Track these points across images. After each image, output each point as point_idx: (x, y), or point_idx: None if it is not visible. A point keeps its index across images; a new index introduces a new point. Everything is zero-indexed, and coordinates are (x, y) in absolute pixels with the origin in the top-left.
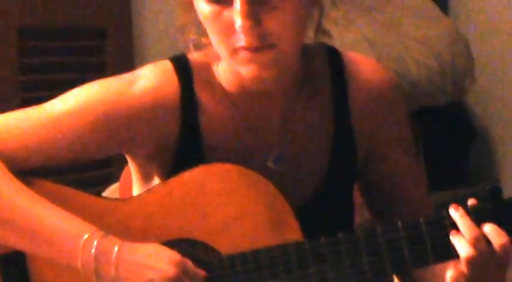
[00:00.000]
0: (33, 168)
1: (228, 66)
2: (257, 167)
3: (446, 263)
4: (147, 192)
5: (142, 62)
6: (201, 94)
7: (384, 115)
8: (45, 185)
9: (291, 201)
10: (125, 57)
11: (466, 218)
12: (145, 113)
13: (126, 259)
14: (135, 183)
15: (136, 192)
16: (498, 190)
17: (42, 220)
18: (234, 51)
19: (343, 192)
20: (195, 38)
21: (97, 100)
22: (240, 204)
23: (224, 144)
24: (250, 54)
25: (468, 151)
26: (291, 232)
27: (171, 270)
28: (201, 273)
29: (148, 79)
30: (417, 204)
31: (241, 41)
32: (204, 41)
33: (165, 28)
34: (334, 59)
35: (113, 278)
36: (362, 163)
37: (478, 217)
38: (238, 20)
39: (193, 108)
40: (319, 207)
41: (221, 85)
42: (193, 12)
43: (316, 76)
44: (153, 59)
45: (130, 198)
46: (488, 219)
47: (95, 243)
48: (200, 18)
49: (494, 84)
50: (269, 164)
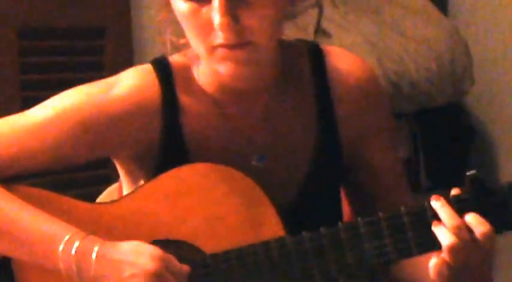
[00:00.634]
0: (18, 175)
1: (207, 65)
2: (241, 165)
3: (430, 255)
4: (131, 195)
5: (142, 61)
6: (182, 95)
7: (367, 109)
8: (28, 191)
9: (276, 199)
10: (124, 57)
11: (447, 207)
12: (125, 116)
13: (106, 257)
14: (124, 185)
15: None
16: (476, 178)
17: (24, 223)
18: (212, 49)
19: (328, 189)
20: (173, 38)
21: (76, 106)
22: (222, 203)
23: (207, 144)
24: (227, 52)
25: (468, 152)
26: (273, 229)
27: (152, 265)
28: (185, 269)
29: (127, 82)
30: (398, 201)
31: (219, 38)
32: (182, 41)
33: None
34: (315, 54)
35: (94, 277)
36: (346, 159)
37: (461, 207)
38: (216, 17)
39: (175, 109)
40: (305, 204)
41: (201, 86)
42: (171, 11)
43: (298, 73)
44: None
45: (115, 201)
46: (471, 208)
47: (76, 244)
48: (177, 17)
49: (493, 85)
50: (253, 162)
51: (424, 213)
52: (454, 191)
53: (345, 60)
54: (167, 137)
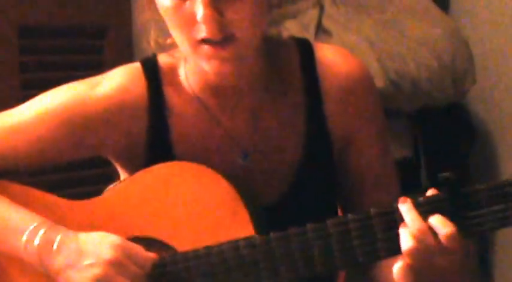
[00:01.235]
0: (5, 172)
1: (193, 62)
2: (227, 163)
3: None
4: (110, 192)
5: None
6: (169, 94)
7: (356, 106)
8: (8, 186)
9: (263, 197)
10: (124, 56)
11: (412, 211)
12: (110, 114)
13: (67, 247)
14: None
15: None
16: (448, 180)
17: None
18: (196, 44)
19: (319, 185)
20: (159, 39)
21: (61, 104)
22: (195, 203)
23: (193, 142)
24: (212, 50)
25: (468, 152)
26: (244, 230)
27: (110, 253)
28: (150, 256)
29: (113, 80)
30: (381, 201)
31: (203, 32)
32: (168, 42)
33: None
34: (305, 51)
35: (56, 267)
36: (337, 156)
37: (429, 209)
38: (199, 10)
39: (162, 108)
40: (295, 201)
41: (188, 85)
42: (155, 10)
43: (286, 69)
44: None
45: (94, 198)
46: (439, 210)
47: (40, 232)
48: (161, 13)
49: (494, 85)
50: (238, 160)
51: (392, 215)
52: (430, 192)
53: (336, 56)
54: (153, 135)
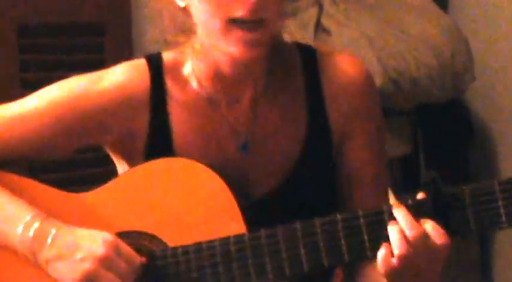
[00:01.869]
0: (5, 161)
1: (208, 51)
2: (227, 154)
3: None
4: (105, 185)
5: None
6: (172, 88)
7: (357, 105)
8: (5, 176)
9: (259, 188)
10: (124, 54)
11: (408, 216)
12: (113, 106)
13: (60, 241)
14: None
15: None
16: (432, 181)
17: None
18: (227, 25)
19: (316, 180)
20: (169, 36)
21: (64, 96)
22: (188, 198)
23: (195, 135)
24: (243, 31)
25: (468, 149)
26: (236, 226)
27: (102, 250)
28: (137, 257)
29: (117, 74)
30: (374, 199)
31: (238, 11)
32: (181, 40)
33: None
34: (307, 53)
35: (48, 260)
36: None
37: (417, 211)
38: None
39: (164, 101)
40: (290, 194)
41: (193, 79)
42: (170, 3)
43: (286, 67)
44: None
45: (89, 191)
46: (426, 213)
47: (35, 225)
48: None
49: (493, 82)
50: (236, 151)
51: (380, 216)
52: (419, 195)
53: (338, 59)
54: (154, 128)
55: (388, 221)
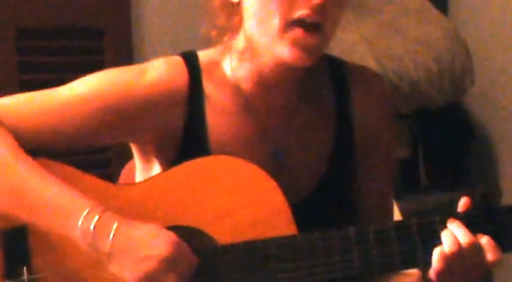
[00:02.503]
0: (42, 149)
1: (256, 51)
2: (259, 159)
3: None
4: (149, 180)
5: (141, 61)
6: (209, 87)
7: (380, 123)
8: (53, 165)
9: (289, 196)
10: (123, 57)
11: (462, 226)
12: (153, 103)
13: (123, 234)
14: (138, 169)
15: None
16: (486, 197)
17: (45, 191)
18: (286, 26)
19: (340, 192)
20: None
21: (108, 88)
22: (238, 196)
23: (229, 136)
24: (302, 33)
25: (467, 151)
26: (286, 226)
27: (168, 250)
28: (194, 259)
29: (158, 70)
30: (380, 215)
31: (302, 10)
32: (213, 35)
33: (164, 27)
34: (335, 65)
35: (108, 252)
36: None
37: (472, 225)
38: None
39: (201, 100)
40: (316, 204)
41: (230, 79)
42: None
43: (315, 77)
44: (151, 58)
45: (133, 185)
46: (479, 226)
47: (95, 219)
48: None
49: (493, 85)
50: (271, 157)
51: (434, 226)
52: (462, 207)
53: (367, 75)
54: (190, 126)
55: (440, 230)
